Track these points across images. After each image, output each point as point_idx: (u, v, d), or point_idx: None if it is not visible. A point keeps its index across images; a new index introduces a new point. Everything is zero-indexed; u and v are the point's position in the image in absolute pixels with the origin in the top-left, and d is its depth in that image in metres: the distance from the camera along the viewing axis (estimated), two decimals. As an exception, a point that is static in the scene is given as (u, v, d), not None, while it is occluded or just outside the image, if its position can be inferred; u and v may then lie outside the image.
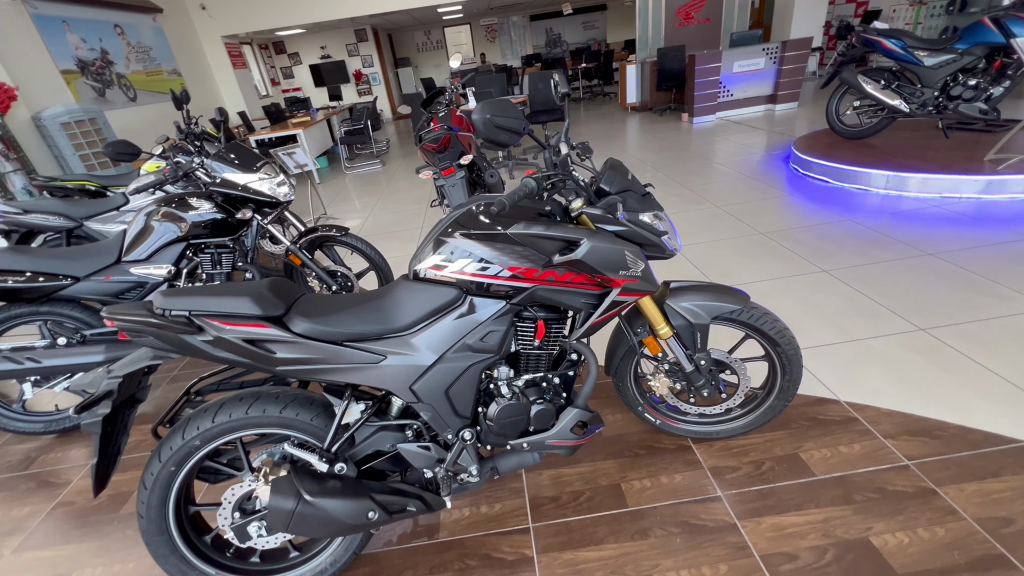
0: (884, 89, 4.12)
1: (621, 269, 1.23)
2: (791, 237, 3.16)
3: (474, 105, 5.69)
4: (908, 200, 3.51)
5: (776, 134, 5.89)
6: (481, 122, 1.04)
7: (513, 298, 1.25)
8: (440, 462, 1.32)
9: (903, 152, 4.02)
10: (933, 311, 2.23)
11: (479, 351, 1.26)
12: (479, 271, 1.20)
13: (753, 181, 4.34)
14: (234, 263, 2.48)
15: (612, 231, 1.26)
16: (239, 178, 2.35)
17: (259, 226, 2.50)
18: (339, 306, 1.23)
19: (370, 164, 7.53)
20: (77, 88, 5.81)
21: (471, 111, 4.70)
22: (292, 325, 1.16)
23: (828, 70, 4.68)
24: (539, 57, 13.38)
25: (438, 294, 1.24)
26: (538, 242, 1.19)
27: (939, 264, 2.61)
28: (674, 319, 1.43)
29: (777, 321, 1.44)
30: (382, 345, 1.22)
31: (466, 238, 1.20)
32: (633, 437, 1.80)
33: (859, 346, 2.08)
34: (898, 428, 1.67)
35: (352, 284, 2.71)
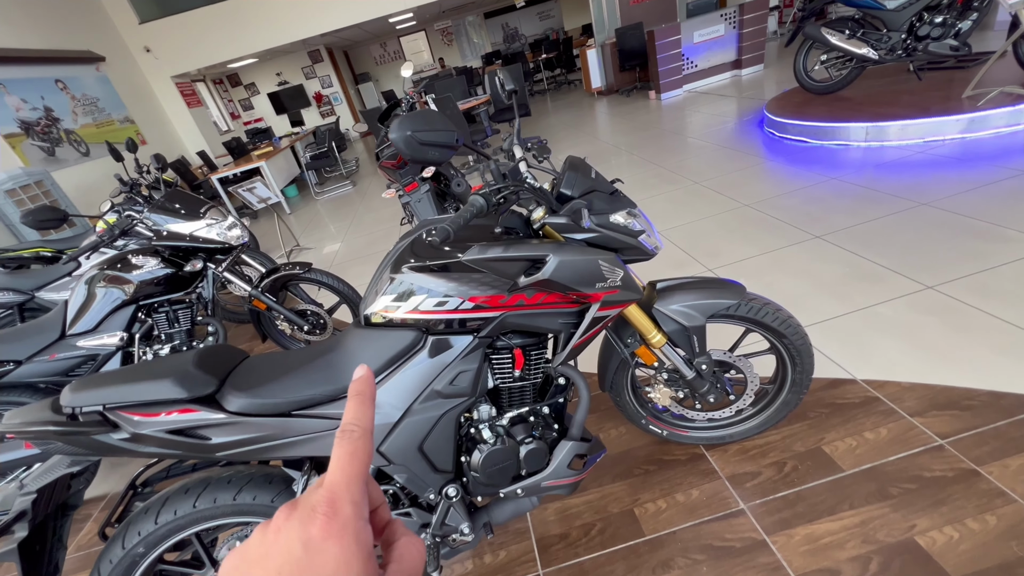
0: (850, 39, 4.00)
1: (597, 281, 1.08)
2: (777, 205, 3.03)
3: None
4: (891, 150, 3.38)
5: (746, 99, 5.76)
6: (402, 141, 0.88)
7: (481, 331, 1.09)
8: (425, 527, 1.17)
9: (878, 101, 3.90)
10: (938, 266, 2.10)
11: (451, 396, 1.11)
12: (437, 307, 1.05)
13: (730, 151, 4.20)
14: (193, 318, 2.31)
15: (581, 239, 1.11)
16: (184, 227, 2.17)
17: (215, 275, 2.33)
18: (282, 369, 1.07)
19: (340, 186, 7.34)
20: (24, 150, 5.57)
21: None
22: (227, 402, 1.00)
23: (789, 27, 4.56)
24: (499, 54, 13.20)
25: (394, 339, 1.08)
26: (497, 266, 1.03)
27: (935, 214, 2.48)
28: (666, 324, 1.28)
29: (779, 311, 1.30)
30: (336, 408, 1.06)
31: (416, 272, 1.04)
32: (640, 451, 1.65)
33: (866, 315, 1.95)
34: (924, 403, 1.53)
35: (325, 321, 2.54)
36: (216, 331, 2.31)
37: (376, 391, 0.32)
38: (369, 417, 0.32)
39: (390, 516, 0.34)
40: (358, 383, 0.34)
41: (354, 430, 0.30)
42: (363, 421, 0.31)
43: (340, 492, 0.27)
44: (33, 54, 6.02)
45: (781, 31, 9.74)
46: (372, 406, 0.33)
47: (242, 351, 1.20)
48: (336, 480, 0.28)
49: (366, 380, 0.34)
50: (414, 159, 0.89)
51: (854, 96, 4.19)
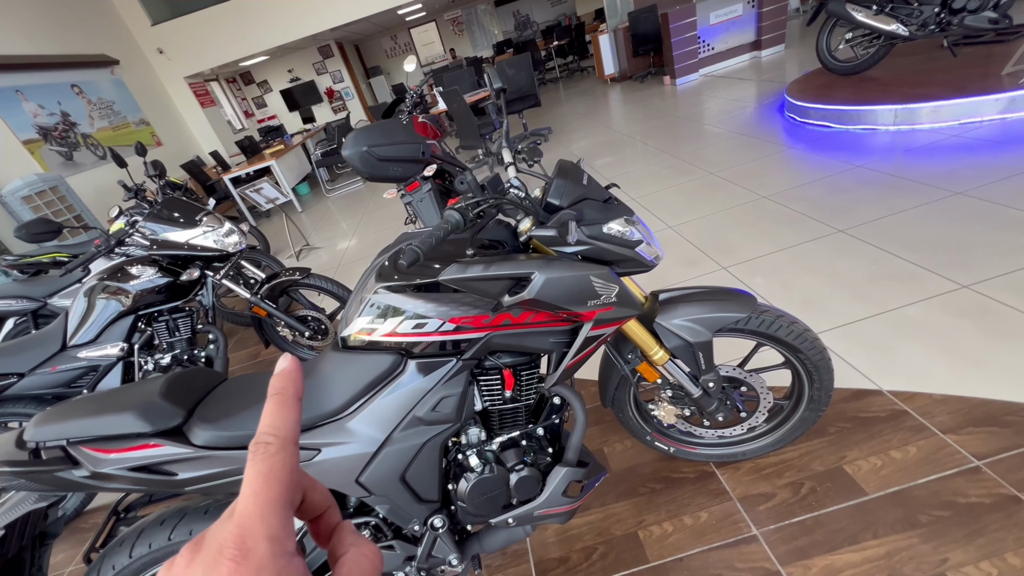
0: (877, 15, 3.75)
1: (589, 299, 0.99)
2: (797, 197, 2.86)
3: (443, 106, 5.42)
4: (922, 134, 3.16)
5: (766, 82, 5.50)
6: (357, 159, 0.79)
7: (464, 352, 1.01)
8: (410, 560, 1.11)
9: (908, 81, 3.65)
10: (975, 262, 1.93)
11: (434, 423, 1.04)
12: (415, 329, 0.97)
13: (748, 139, 4.01)
14: (194, 326, 2.29)
15: (572, 252, 1.02)
16: (180, 236, 2.14)
17: (214, 283, 2.30)
18: (255, 395, 1.01)
19: (351, 183, 7.32)
20: (43, 156, 5.68)
21: (440, 115, 4.41)
22: (193, 435, 0.94)
23: (812, 5, 4.31)
24: (510, 43, 12.97)
25: (372, 363, 1.01)
26: (479, 285, 0.95)
27: (971, 204, 2.29)
28: (668, 340, 1.18)
29: (794, 323, 1.18)
30: (312, 437, 1.00)
31: (392, 292, 0.97)
32: (646, 468, 1.56)
33: (894, 317, 1.80)
34: (958, 418, 1.40)
35: (326, 326, 2.50)
36: (216, 339, 2.29)
37: (303, 388, 0.27)
38: (291, 423, 0.26)
39: (339, 520, 0.29)
40: (279, 378, 0.28)
41: (270, 442, 0.24)
42: (283, 429, 0.25)
43: (252, 526, 0.22)
44: (49, 60, 6.11)
45: (804, 8, 9.30)
46: (297, 408, 0.27)
47: (219, 374, 1.14)
48: (248, 511, 0.22)
49: (288, 375, 0.28)
50: (373, 177, 0.81)
51: (882, 76, 3.94)
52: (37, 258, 3.71)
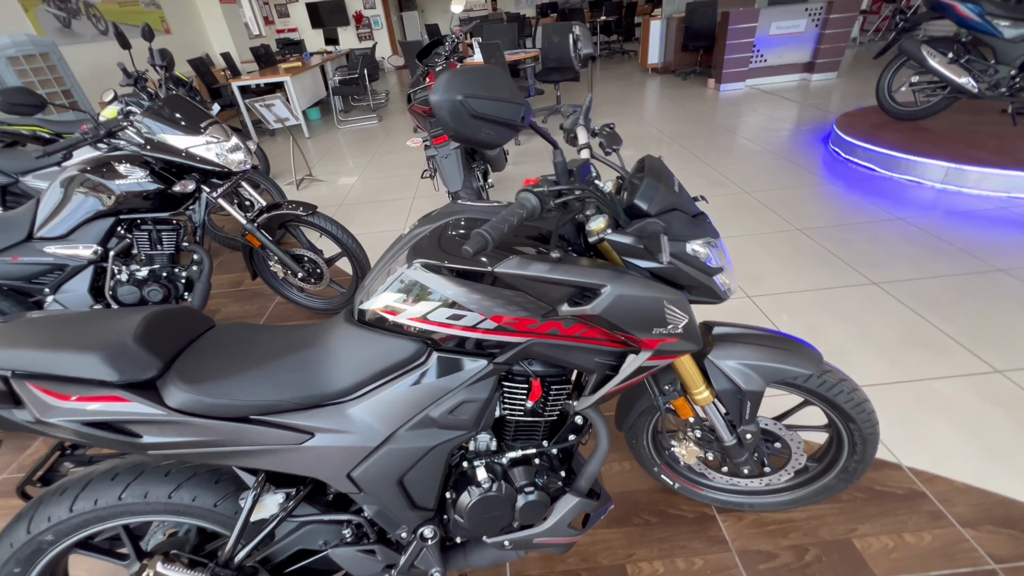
0: (951, 64, 3.56)
1: (656, 326, 0.85)
2: (833, 237, 2.74)
3: (479, 58, 5.10)
4: (969, 198, 3.05)
5: (811, 107, 5.31)
6: (447, 108, 0.62)
7: (498, 355, 0.87)
8: (390, 567, 0.99)
9: (963, 139, 3.52)
10: (1010, 347, 1.85)
11: (448, 427, 0.90)
12: (450, 320, 0.82)
13: (787, 163, 3.85)
14: (178, 242, 2.09)
15: (646, 267, 0.87)
16: (180, 141, 1.92)
17: (209, 200, 2.09)
18: (246, 359, 0.86)
19: (366, 118, 6.95)
20: (37, 16, 5.19)
21: (480, 64, 4.16)
22: (168, 395, 0.79)
23: (870, 37, 4.09)
24: (555, 6, 12.35)
25: (391, 347, 0.86)
26: (538, 287, 0.80)
27: (1012, 284, 2.20)
28: (717, 380, 1.06)
29: (855, 391, 1.07)
30: (307, 418, 0.85)
31: (432, 272, 0.81)
32: (644, 497, 1.46)
33: (922, 389, 1.72)
34: (978, 513, 1.33)
35: (322, 271, 2.32)
36: (201, 261, 2.09)
37: None
38: None
39: None
40: None
41: None
42: None
43: None
44: (60, -90, 5.51)
45: (862, 39, 9.03)
46: None
47: (207, 319, 0.98)
48: None
49: None
50: (460, 136, 0.64)
51: (936, 128, 3.79)
52: (15, 128, 3.39)
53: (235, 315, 2.59)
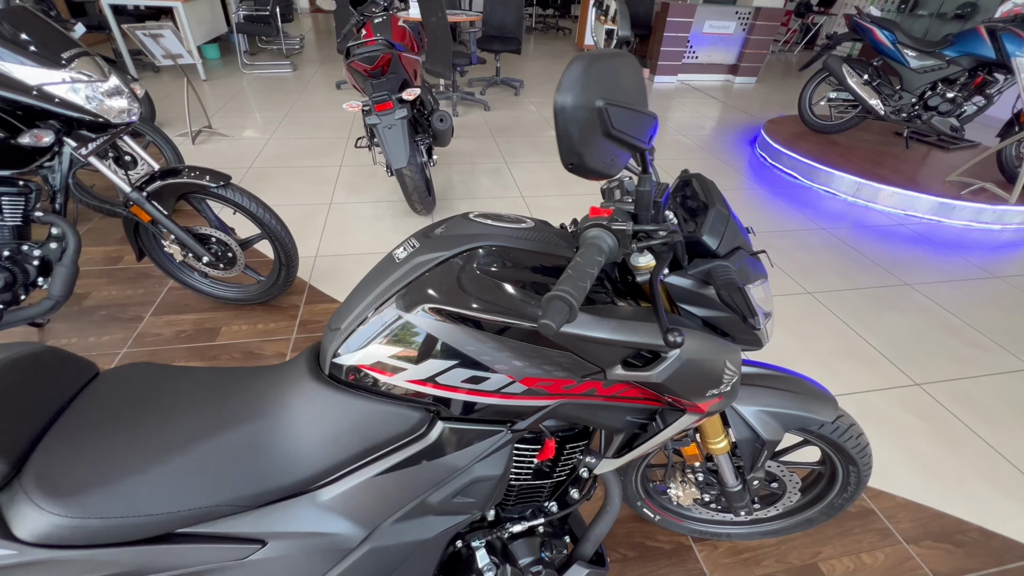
0: (865, 85, 3.88)
1: (712, 388, 0.71)
2: (769, 244, 2.86)
3: (416, 13, 4.61)
4: (873, 212, 3.37)
5: (732, 108, 5.58)
6: (581, 119, 0.38)
7: (517, 423, 0.68)
8: None
9: (865, 156, 3.87)
10: (923, 360, 2.04)
11: (450, 513, 0.70)
12: (466, 383, 0.61)
13: (719, 163, 3.99)
14: (27, 212, 1.57)
15: (700, 315, 0.72)
16: (30, 74, 1.40)
17: (74, 157, 1.58)
18: (160, 436, 0.58)
19: (278, 66, 6.06)
20: None
21: (417, 21, 3.68)
22: (19, 518, 0.49)
23: (780, 48, 4.33)
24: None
25: (382, 417, 0.63)
26: (593, 348, 0.61)
27: (919, 298, 2.44)
28: (737, 430, 0.96)
29: (861, 435, 1.04)
30: (256, 521, 0.60)
31: (448, 321, 0.59)
32: (620, 528, 1.37)
33: (859, 402, 1.83)
34: (918, 528, 1.42)
35: (234, 255, 1.91)
36: (63, 237, 1.60)
37: None
38: None
39: None
40: None
41: None
42: None
43: None
44: None
45: (773, 49, 9.70)
46: None
47: (85, 364, 0.67)
48: None
49: None
50: (581, 165, 0.41)
51: (845, 143, 4.14)
52: None
53: (111, 301, 2.07)
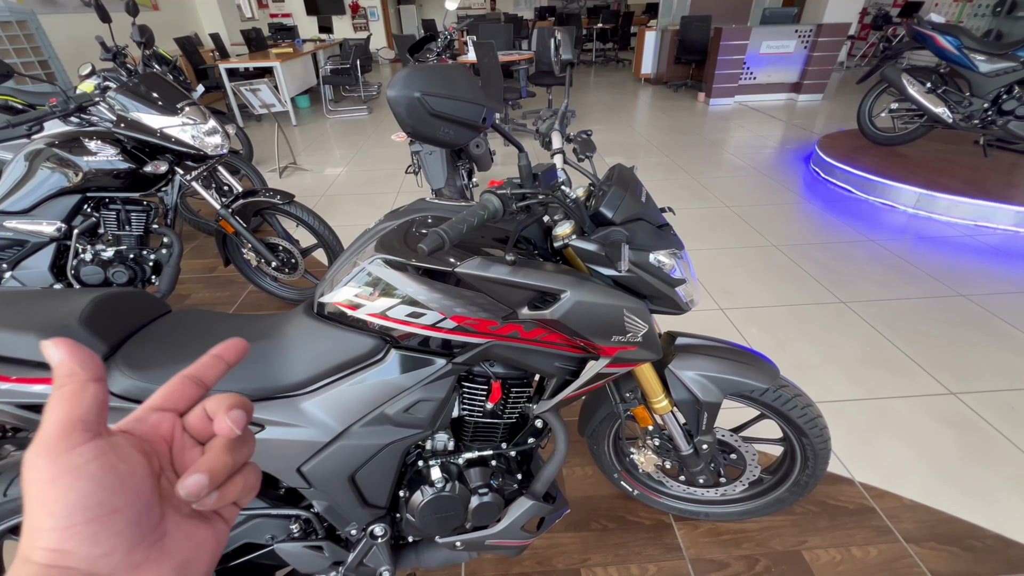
0: (929, 93, 3.68)
1: (615, 334, 0.86)
2: (806, 255, 2.80)
3: (472, 56, 5.08)
4: (938, 224, 3.15)
5: (795, 127, 5.43)
6: (403, 104, 0.61)
7: (458, 356, 0.87)
8: (338, 564, 0.98)
9: (935, 167, 3.63)
10: (966, 371, 1.92)
11: (403, 425, 0.90)
12: (409, 317, 0.82)
13: (769, 180, 3.93)
14: (148, 225, 2.04)
15: (609, 275, 0.88)
16: (154, 120, 1.87)
17: (182, 183, 2.04)
18: (199, 346, 0.84)
19: (356, 110, 6.88)
20: (18, -17, 5.02)
21: (471, 63, 4.09)
22: (112, 380, 0.77)
23: (857, 63, 4.19)
24: (553, 11, 12.40)
25: (349, 342, 0.85)
26: (498, 289, 0.80)
27: (972, 309, 2.28)
28: (676, 390, 1.07)
29: (809, 406, 1.09)
30: (258, 410, 0.84)
31: (392, 268, 0.81)
32: (603, 503, 1.47)
33: (880, 407, 1.77)
34: (923, 529, 1.37)
35: (296, 261, 2.29)
36: (171, 245, 2.05)
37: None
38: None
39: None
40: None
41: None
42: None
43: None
44: None
45: (849, 64, 9.26)
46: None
47: (162, 304, 0.96)
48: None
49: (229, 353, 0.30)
50: (416, 133, 0.64)
51: (911, 155, 3.91)
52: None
53: (206, 302, 2.54)
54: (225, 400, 0.27)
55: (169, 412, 0.27)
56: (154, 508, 0.23)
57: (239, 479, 0.27)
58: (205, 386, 0.28)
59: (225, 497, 0.26)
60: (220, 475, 0.25)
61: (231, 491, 0.26)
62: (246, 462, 0.28)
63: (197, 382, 0.28)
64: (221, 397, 0.27)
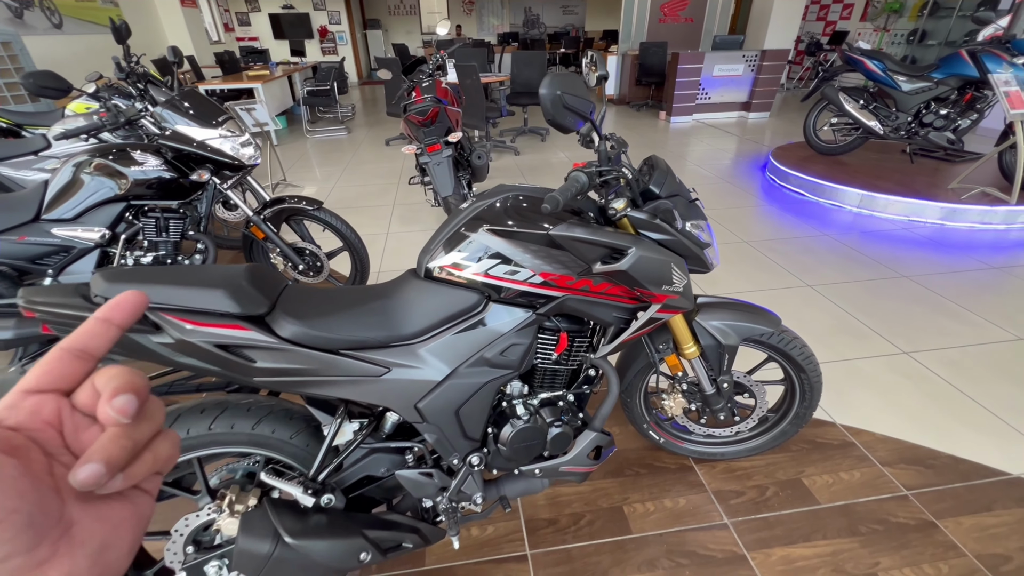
0: (862, 109, 4.23)
1: (664, 284, 1.10)
2: (773, 248, 3.18)
3: (454, 77, 5.37)
4: (878, 220, 3.63)
5: (748, 141, 5.98)
6: (549, 99, 0.85)
7: (540, 308, 1.08)
8: (443, 490, 1.15)
9: (872, 172, 4.16)
10: (913, 334, 2.28)
11: (497, 366, 1.09)
12: (507, 275, 1.03)
13: (731, 187, 4.36)
14: (184, 231, 2.14)
15: (656, 239, 1.12)
16: (196, 133, 2.01)
17: (216, 191, 2.17)
18: (335, 305, 1.02)
19: (334, 130, 7.01)
20: (-14, 4, 4.94)
21: (455, 84, 4.36)
22: (277, 327, 0.94)
23: (795, 84, 4.74)
24: (516, 36, 12.99)
25: (455, 298, 1.05)
26: (580, 247, 1.02)
27: (914, 287, 2.68)
28: (703, 338, 1.32)
29: (805, 347, 1.37)
30: (385, 355, 1.02)
31: (495, 235, 1.02)
32: (632, 454, 1.70)
33: (849, 367, 2.09)
34: (894, 455, 1.67)
35: (322, 264, 2.43)
36: (206, 249, 2.16)
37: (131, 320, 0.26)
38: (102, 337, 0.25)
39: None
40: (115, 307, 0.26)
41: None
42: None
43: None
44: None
45: (788, 85, 10.17)
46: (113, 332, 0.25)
47: (283, 276, 1.13)
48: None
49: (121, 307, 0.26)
50: (553, 121, 0.87)
51: (851, 163, 4.44)
52: None
53: (224, 308, 2.62)
54: (112, 380, 0.23)
55: (50, 393, 0.23)
56: (49, 503, 0.21)
57: (147, 455, 0.24)
58: (93, 357, 0.24)
59: (132, 476, 0.23)
60: (120, 459, 0.22)
61: (139, 469, 0.23)
62: (156, 434, 0.25)
63: (80, 355, 0.24)
64: (110, 373, 0.24)
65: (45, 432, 0.23)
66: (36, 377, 0.23)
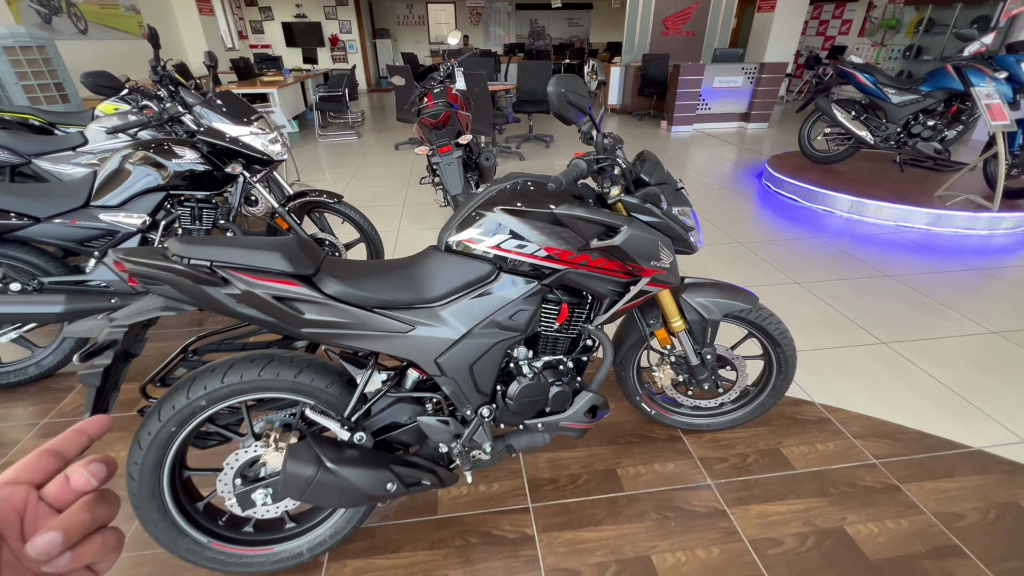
0: (854, 120, 4.41)
1: (653, 260, 1.26)
2: (766, 249, 3.34)
3: (462, 85, 5.59)
4: (868, 224, 3.79)
5: (747, 151, 6.17)
6: (555, 95, 1.03)
7: (544, 279, 1.25)
8: (457, 437, 1.31)
9: (864, 180, 4.33)
10: (893, 327, 2.44)
11: (506, 329, 1.26)
12: (516, 248, 1.20)
13: (728, 192, 4.54)
14: (215, 220, 2.32)
15: (646, 221, 1.29)
16: (230, 129, 2.20)
17: (245, 184, 2.35)
18: (368, 272, 1.19)
19: (344, 134, 7.23)
20: (19, 10, 5.19)
21: (464, 91, 4.58)
22: (323, 286, 1.11)
23: (796, 97, 4.93)
24: (522, 47, 13.29)
25: (471, 268, 1.22)
26: (580, 224, 1.19)
27: (895, 285, 2.84)
28: (688, 313, 1.49)
29: (781, 323, 1.53)
30: (411, 315, 1.19)
31: (507, 214, 1.19)
32: (626, 426, 1.85)
33: (830, 354, 2.24)
34: (866, 430, 1.82)
35: (340, 254, 2.61)
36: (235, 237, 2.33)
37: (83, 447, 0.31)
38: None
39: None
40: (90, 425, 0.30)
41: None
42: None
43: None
44: (51, -88, 5.60)
45: (788, 98, 10.40)
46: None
47: (320, 249, 1.30)
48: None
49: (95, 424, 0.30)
50: (558, 113, 1.04)
51: (844, 171, 4.62)
52: (4, 114, 3.47)
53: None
54: (90, 456, 0.27)
55: (23, 484, 0.26)
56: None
57: (96, 538, 0.26)
58: (65, 459, 0.28)
59: (80, 558, 0.25)
60: (75, 533, 0.24)
61: (87, 551, 0.25)
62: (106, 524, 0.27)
63: (56, 455, 0.27)
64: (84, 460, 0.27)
65: (9, 517, 0.25)
66: (15, 471, 0.27)
